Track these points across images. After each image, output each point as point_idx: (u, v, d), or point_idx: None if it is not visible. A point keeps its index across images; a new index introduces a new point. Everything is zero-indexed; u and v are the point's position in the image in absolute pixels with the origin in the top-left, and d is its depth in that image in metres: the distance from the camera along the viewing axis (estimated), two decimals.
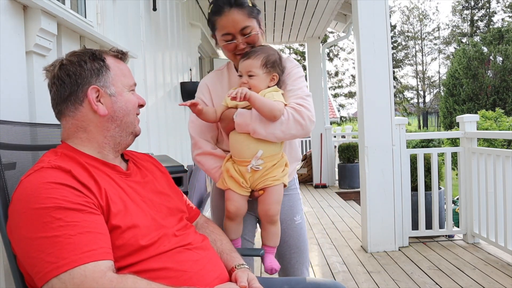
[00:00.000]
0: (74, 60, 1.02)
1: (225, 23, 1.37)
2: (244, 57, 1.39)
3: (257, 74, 1.37)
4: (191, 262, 1.01)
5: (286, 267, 1.58)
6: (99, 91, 1.02)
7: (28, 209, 0.84)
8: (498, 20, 31.66)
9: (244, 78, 1.37)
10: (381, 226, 3.33)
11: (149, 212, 1.02)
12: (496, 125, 7.58)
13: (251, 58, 1.37)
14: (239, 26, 1.36)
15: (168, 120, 3.06)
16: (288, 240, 1.56)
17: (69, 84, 1.00)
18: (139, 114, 1.13)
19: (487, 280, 2.62)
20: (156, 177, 1.18)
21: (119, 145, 1.07)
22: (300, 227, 1.58)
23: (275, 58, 1.40)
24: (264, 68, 1.37)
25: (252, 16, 1.38)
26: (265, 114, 1.31)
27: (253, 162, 1.35)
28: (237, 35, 1.38)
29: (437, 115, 31.52)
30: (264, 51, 1.39)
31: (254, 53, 1.38)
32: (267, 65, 1.37)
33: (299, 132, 1.35)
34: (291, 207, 1.57)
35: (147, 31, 2.66)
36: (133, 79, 1.12)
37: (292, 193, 1.59)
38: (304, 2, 5.00)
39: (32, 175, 0.90)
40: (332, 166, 7.15)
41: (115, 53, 1.10)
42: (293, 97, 1.39)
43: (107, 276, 0.82)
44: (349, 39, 24.77)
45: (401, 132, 3.38)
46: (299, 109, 1.35)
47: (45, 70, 1.05)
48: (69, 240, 0.82)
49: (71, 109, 1.02)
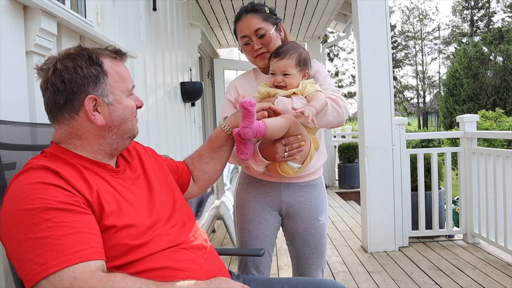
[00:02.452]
0: (69, 65, 0.96)
1: (242, 26, 1.51)
2: (277, 56, 1.44)
3: (292, 73, 1.42)
4: (188, 261, 1.01)
5: (303, 266, 1.58)
6: (97, 100, 0.97)
7: (17, 210, 0.83)
8: (498, 20, 31.66)
9: (279, 77, 1.42)
10: (381, 226, 3.33)
11: (142, 210, 1.01)
12: (496, 125, 7.58)
13: (286, 58, 1.42)
14: (253, 28, 1.48)
15: (168, 120, 3.06)
16: (309, 239, 1.56)
17: (64, 92, 0.95)
18: (137, 114, 1.10)
19: (487, 280, 2.62)
20: (144, 167, 1.15)
21: (116, 150, 1.05)
22: (323, 228, 1.59)
23: (305, 56, 1.46)
24: (298, 67, 1.43)
25: (268, 21, 1.49)
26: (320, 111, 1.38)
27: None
28: (252, 37, 1.49)
29: (437, 115, 31.51)
30: (296, 49, 1.44)
31: (287, 52, 1.42)
32: (300, 64, 1.43)
33: (335, 120, 1.45)
34: (317, 206, 1.57)
35: (147, 31, 2.65)
36: (131, 81, 1.08)
37: (321, 190, 1.61)
38: (304, 2, 5.00)
39: (20, 176, 0.89)
40: (332, 166, 7.15)
41: (112, 54, 1.04)
42: (327, 90, 1.48)
43: (96, 275, 0.81)
44: (349, 39, 24.76)
45: (401, 132, 3.38)
46: (336, 99, 1.45)
47: (37, 70, 1.00)
48: (58, 241, 0.81)
49: (66, 117, 0.98)
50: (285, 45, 1.47)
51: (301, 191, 1.55)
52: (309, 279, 1.35)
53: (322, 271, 1.61)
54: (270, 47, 1.50)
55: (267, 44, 1.49)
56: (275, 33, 1.51)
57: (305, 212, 1.55)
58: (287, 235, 1.61)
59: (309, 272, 1.58)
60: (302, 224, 1.55)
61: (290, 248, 1.62)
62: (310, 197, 1.56)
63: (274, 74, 1.44)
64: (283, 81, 1.42)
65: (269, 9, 1.53)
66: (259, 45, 1.50)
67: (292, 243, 1.60)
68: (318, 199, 1.58)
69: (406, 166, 3.42)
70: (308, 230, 1.55)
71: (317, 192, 1.58)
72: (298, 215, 1.55)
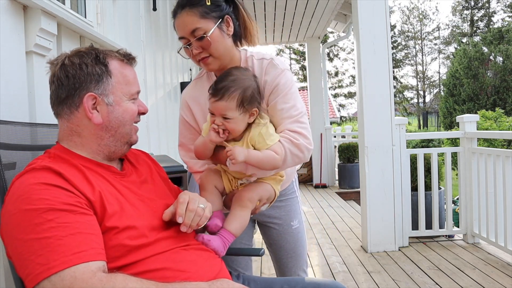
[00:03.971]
0: (76, 61, 0.99)
1: (177, 26, 1.24)
2: (214, 96, 1.16)
3: (234, 116, 1.16)
4: (188, 262, 1.01)
5: (283, 270, 1.57)
6: (96, 99, 0.99)
7: (19, 210, 0.84)
8: (498, 20, 31.67)
9: (218, 120, 1.17)
10: (381, 226, 3.33)
11: (146, 213, 1.01)
12: (496, 125, 7.59)
13: (224, 99, 1.15)
14: (188, 29, 1.20)
15: (168, 120, 3.06)
16: (285, 245, 1.54)
17: (66, 87, 0.98)
18: (138, 122, 1.10)
19: (487, 280, 2.62)
20: (152, 175, 1.17)
21: (114, 154, 1.06)
22: (297, 232, 1.55)
23: (251, 90, 1.18)
24: (241, 108, 1.16)
25: (207, 17, 1.20)
26: (267, 169, 1.21)
27: (245, 181, 1.28)
28: (189, 38, 1.22)
29: (437, 115, 31.51)
30: (239, 85, 1.17)
31: (226, 91, 1.15)
32: (244, 104, 1.16)
33: (296, 164, 1.29)
34: (288, 213, 1.53)
35: (147, 31, 2.66)
36: (137, 86, 1.08)
37: (290, 197, 1.54)
38: (304, 2, 5.00)
39: (23, 176, 0.89)
40: (332, 166, 7.15)
41: (122, 57, 1.05)
42: (287, 119, 1.24)
43: (97, 276, 0.81)
44: (349, 39, 24.78)
45: (401, 132, 3.38)
46: (296, 141, 1.22)
47: (49, 63, 1.03)
48: (60, 241, 0.81)
49: (66, 112, 1.00)
50: (227, 77, 1.18)
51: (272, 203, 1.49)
52: (308, 279, 1.35)
53: (304, 271, 1.59)
54: (212, 51, 1.22)
55: (208, 48, 1.22)
56: (218, 32, 1.22)
57: (276, 219, 1.51)
58: (265, 240, 1.60)
59: (290, 275, 1.56)
60: (275, 232, 1.53)
61: (269, 252, 1.61)
62: (280, 205, 1.50)
63: (213, 114, 1.19)
64: (223, 125, 1.16)
65: None
66: (198, 48, 1.22)
67: (269, 248, 1.59)
68: (289, 206, 1.53)
69: (406, 166, 3.42)
70: (282, 236, 1.52)
71: (287, 199, 1.53)
72: (271, 224, 1.53)
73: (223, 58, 1.27)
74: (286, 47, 29.57)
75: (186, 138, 1.41)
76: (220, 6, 1.23)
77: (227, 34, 1.26)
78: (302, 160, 1.26)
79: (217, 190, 1.27)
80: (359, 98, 3.40)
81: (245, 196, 1.23)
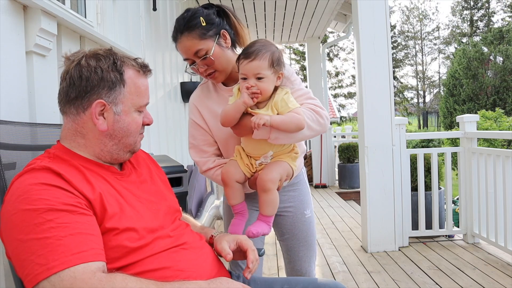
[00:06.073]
0: (92, 63, 0.97)
1: (180, 49, 1.38)
2: (247, 57, 1.27)
3: (266, 75, 1.26)
4: (187, 261, 1.01)
5: (294, 259, 1.61)
6: (105, 106, 0.98)
7: (19, 210, 0.84)
8: (498, 20, 31.68)
9: (251, 81, 1.26)
10: (381, 226, 3.33)
11: (145, 213, 1.01)
12: (496, 125, 7.59)
13: (258, 59, 1.25)
14: (191, 52, 1.34)
15: (168, 120, 3.06)
16: (297, 234, 1.59)
17: (78, 87, 0.97)
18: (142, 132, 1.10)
19: (487, 280, 2.62)
20: (151, 176, 1.17)
21: (115, 160, 1.06)
22: (310, 221, 1.61)
23: (279, 54, 1.31)
24: (272, 68, 1.27)
25: (206, 37, 1.33)
26: (292, 131, 1.29)
27: (262, 160, 1.35)
28: (194, 59, 1.36)
29: (437, 115, 31.52)
30: (268, 48, 1.28)
31: (258, 52, 1.26)
32: (274, 64, 1.28)
33: (319, 132, 1.38)
34: (301, 201, 1.59)
35: (147, 31, 2.66)
36: (147, 98, 1.08)
37: (302, 187, 1.61)
38: (304, 2, 5.00)
39: (22, 176, 0.89)
40: (332, 166, 7.15)
41: (138, 67, 1.04)
42: (300, 97, 1.39)
43: (97, 276, 0.81)
44: (349, 39, 24.78)
45: (401, 132, 3.38)
46: (317, 109, 1.36)
47: (64, 57, 1.01)
48: (59, 241, 0.81)
49: (73, 112, 0.99)
50: (255, 43, 1.30)
51: (284, 191, 1.56)
52: (309, 279, 1.35)
53: (314, 262, 1.65)
54: (216, 66, 1.37)
55: (212, 65, 1.36)
56: (219, 48, 1.35)
57: (291, 208, 1.57)
58: (277, 231, 1.65)
59: (300, 264, 1.61)
60: (289, 220, 1.58)
61: (281, 243, 1.66)
62: (294, 194, 1.58)
63: (245, 78, 1.27)
64: (256, 85, 1.25)
65: (206, 18, 1.34)
66: (203, 66, 1.36)
67: (282, 238, 1.63)
68: (302, 195, 1.60)
69: (406, 166, 3.42)
70: (296, 225, 1.58)
71: (300, 188, 1.60)
72: (285, 213, 1.58)
73: (228, 69, 1.41)
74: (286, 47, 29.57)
75: (197, 139, 1.50)
76: (214, 24, 1.36)
77: (226, 47, 1.39)
78: (323, 126, 1.38)
79: (238, 184, 1.37)
80: (359, 98, 3.40)
81: (266, 180, 1.31)
